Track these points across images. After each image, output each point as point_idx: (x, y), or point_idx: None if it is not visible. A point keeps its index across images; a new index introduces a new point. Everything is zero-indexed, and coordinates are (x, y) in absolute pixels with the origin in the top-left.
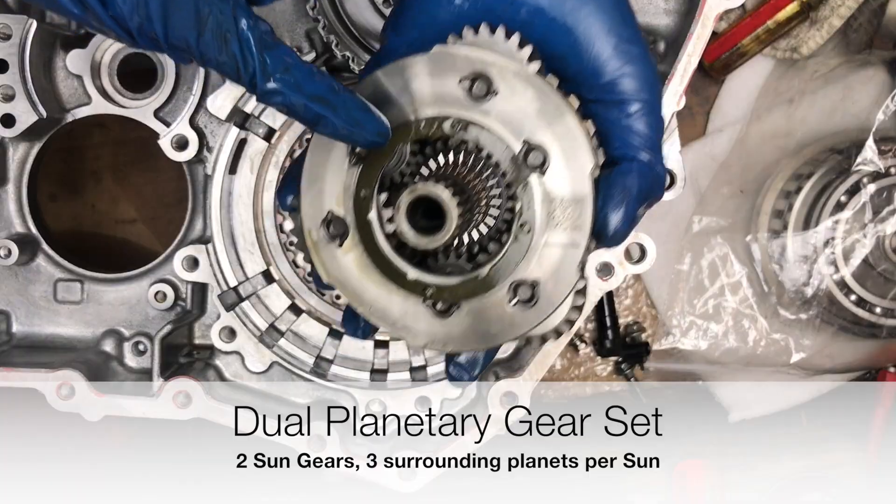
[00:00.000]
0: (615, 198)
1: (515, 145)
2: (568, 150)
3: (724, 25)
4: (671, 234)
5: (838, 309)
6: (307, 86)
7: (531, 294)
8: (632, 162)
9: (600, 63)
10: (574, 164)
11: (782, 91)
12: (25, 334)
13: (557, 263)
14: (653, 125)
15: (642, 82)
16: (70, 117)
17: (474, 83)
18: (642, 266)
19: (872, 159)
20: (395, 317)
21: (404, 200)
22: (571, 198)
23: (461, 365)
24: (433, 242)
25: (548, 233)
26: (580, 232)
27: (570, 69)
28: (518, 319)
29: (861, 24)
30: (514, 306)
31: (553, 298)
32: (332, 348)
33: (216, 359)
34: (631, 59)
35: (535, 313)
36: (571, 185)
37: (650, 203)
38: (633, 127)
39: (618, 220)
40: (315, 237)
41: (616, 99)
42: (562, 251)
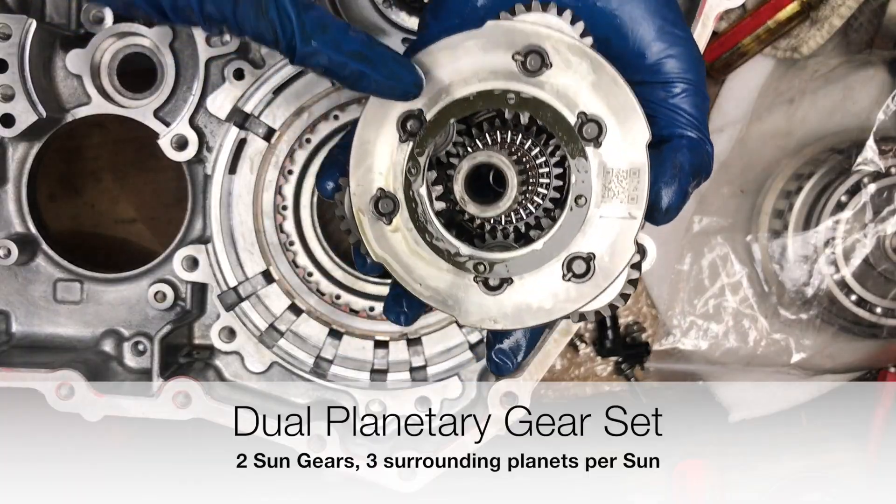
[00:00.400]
0: (668, 172)
1: (570, 118)
2: (623, 122)
3: (724, 25)
4: (671, 234)
5: (839, 309)
6: (345, 43)
7: (586, 268)
8: (681, 139)
9: (645, 45)
10: (629, 136)
11: (782, 91)
12: (25, 334)
13: (614, 236)
14: (699, 105)
15: (687, 63)
16: (70, 117)
17: (528, 57)
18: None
19: (873, 159)
20: (445, 294)
21: (464, 167)
22: (628, 169)
23: (504, 351)
24: (493, 210)
25: (603, 205)
26: (636, 204)
27: (615, 51)
28: (573, 294)
29: (861, 23)
30: (568, 280)
31: (609, 272)
32: (332, 348)
33: (216, 359)
34: (675, 40)
35: (590, 287)
36: (627, 156)
37: (699, 181)
38: (680, 106)
39: (671, 194)
40: (364, 215)
41: (661, 80)
42: (618, 224)
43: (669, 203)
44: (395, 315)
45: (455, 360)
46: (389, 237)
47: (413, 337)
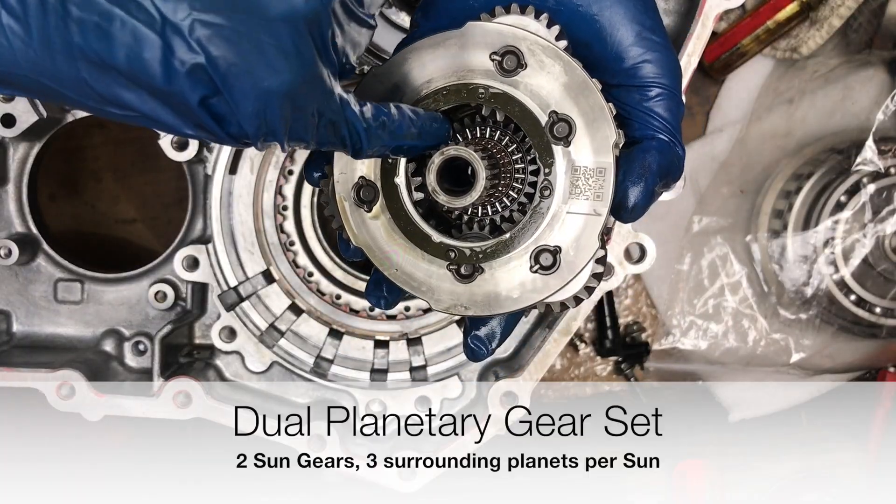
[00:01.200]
0: (635, 172)
1: (542, 117)
2: (592, 122)
3: (724, 25)
4: (671, 234)
5: (838, 309)
6: (399, 129)
7: (553, 260)
8: (652, 140)
9: (623, 49)
10: (597, 136)
11: (782, 91)
12: (25, 334)
13: (579, 231)
14: (673, 110)
15: (664, 69)
16: (70, 117)
17: (504, 57)
18: (642, 266)
19: (872, 159)
20: (419, 280)
21: (436, 160)
22: (594, 168)
23: (480, 338)
24: (462, 202)
25: (570, 201)
26: (601, 201)
27: (594, 55)
28: (539, 284)
29: (861, 24)
30: (535, 272)
31: (574, 265)
32: (332, 348)
33: (216, 359)
34: (653, 46)
35: (555, 279)
36: (594, 156)
37: (668, 182)
38: (654, 110)
39: (637, 193)
40: (346, 202)
41: (637, 83)
42: (583, 220)
43: (635, 202)
44: (375, 298)
45: (455, 360)
46: (369, 224)
47: (413, 337)
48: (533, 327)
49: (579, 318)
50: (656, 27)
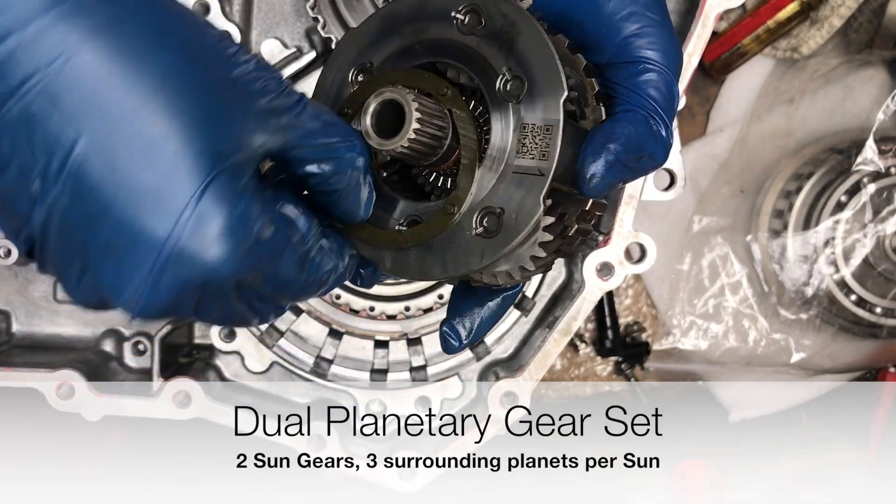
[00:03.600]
0: (597, 142)
1: (494, 75)
2: (545, 80)
3: (724, 25)
4: (671, 234)
5: (838, 309)
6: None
7: (497, 224)
8: (627, 113)
9: (614, 24)
10: (548, 93)
11: (782, 91)
12: (25, 334)
13: (524, 193)
14: (662, 90)
15: (656, 45)
16: None
17: (467, 16)
18: (642, 266)
19: (872, 159)
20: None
21: (372, 102)
22: (542, 126)
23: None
24: (391, 142)
25: (517, 160)
26: (546, 161)
27: (586, 34)
28: (481, 248)
29: (861, 23)
30: (476, 235)
31: (517, 228)
32: (332, 348)
33: (216, 359)
34: (647, 21)
35: (497, 243)
36: (543, 113)
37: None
38: (640, 87)
39: (597, 164)
40: None
41: (625, 59)
42: (529, 180)
43: (594, 171)
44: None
45: (455, 360)
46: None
47: (413, 337)
48: (533, 327)
49: (579, 318)
50: (652, 3)
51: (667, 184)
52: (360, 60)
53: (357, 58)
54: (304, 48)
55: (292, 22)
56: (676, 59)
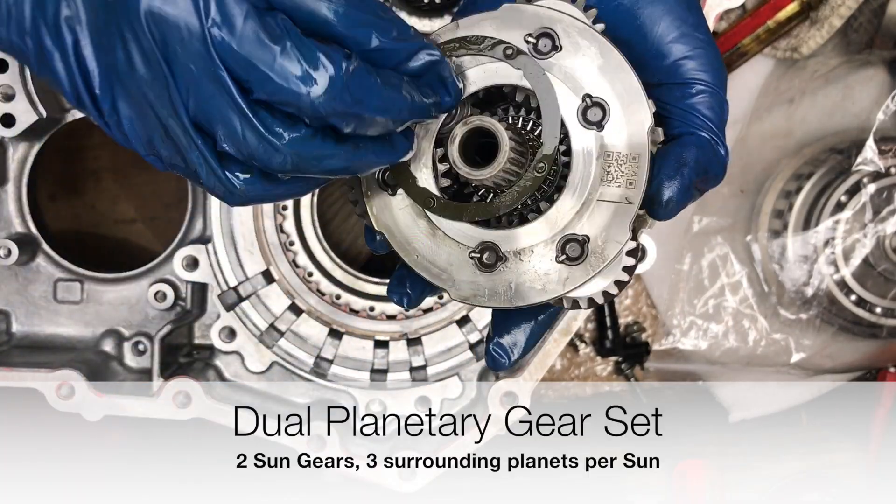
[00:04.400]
0: (671, 166)
1: (576, 100)
2: (627, 106)
3: (724, 25)
4: (671, 234)
5: (838, 309)
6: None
7: (580, 251)
8: (691, 136)
9: (664, 46)
10: (632, 120)
11: (782, 91)
12: (25, 334)
13: (608, 220)
14: (715, 109)
15: (707, 66)
16: (70, 117)
17: (539, 39)
18: (642, 266)
19: (872, 159)
20: (440, 267)
21: (458, 131)
22: (628, 154)
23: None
24: (483, 173)
25: (601, 188)
26: (634, 189)
27: (634, 54)
28: (565, 276)
29: (861, 23)
30: (561, 262)
31: (603, 256)
32: (332, 348)
33: (216, 359)
34: (696, 43)
35: (582, 271)
36: (628, 141)
37: (707, 180)
38: (695, 107)
39: (672, 188)
40: (369, 186)
41: (678, 81)
42: (614, 208)
43: (670, 196)
44: (398, 296)
45: (455, 360)
46: (393, 208)
47: (413, 337)
48: None
49: (579, 318)
50: (699, 24)
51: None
52: None
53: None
54: None
55: None
56: (724, 77)
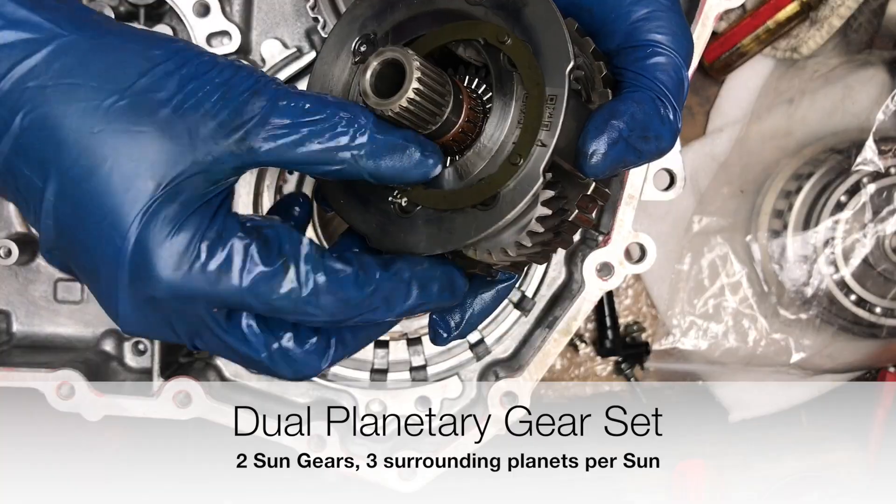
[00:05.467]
0: (599, 117)
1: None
2: (549, 49)
3: (724, 25)
4: (671, 234)
5: (838, 309)
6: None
7: (494, 197)
8: (633, 92)
9: (623, 9)
10: (554, 63)
11: (782, 91)
12: (25, 334)
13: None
14: (671, 73)
15: (665, 30)
16: None
17: None
18: (642, 266)
19: (872, 159)
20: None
21: (373, 62)
22: (547, 97)
23: (445, 320)
24: (389, 102)
25: (517, 132)
26: (549, 132)
27: (595, 19)
28: (479, 221)
29: (861, 23)
30: (474, 208)
31: (514, 201)
32: None
33: (216, 358)
34: (656, 6)
35: (493, 215)
36: (548, 84)
37: (648, 139)
38: (647, 70)
39: (598, 142)
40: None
41: (633, 44)
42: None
43: (595, 148)
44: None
45: (455, 360)
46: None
47: (413, 337)
48: (533, 327)
49: (579, 318)
50: None
51: (667, 184)
52: (364, 31)
53: (360, 28)
54: (304, 48)
55: (292, 22)
56: (686, 43)
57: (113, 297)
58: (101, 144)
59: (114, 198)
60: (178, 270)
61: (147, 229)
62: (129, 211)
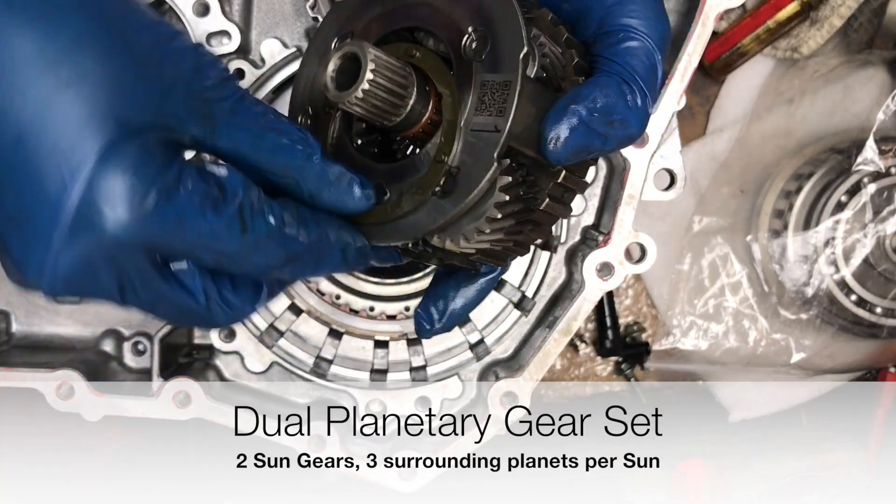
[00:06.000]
0: (561, 103)
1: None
2: (506, 36)
3: (724, 25)
4: (671, 234)
5: (839, 309)
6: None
7: (453, 183)
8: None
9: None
10: (509, 50)
11: (782, 91)
12: (25, 334)
13: (479, 149)
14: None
15: (640, 15)
16: None
17: None
18: (642, 266)
19: (873, 159)
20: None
21: (333, 56)
22: (500, 82)
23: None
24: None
25: (476, 117)
26: (503, 117)
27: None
28: (438, 208)
29: (861, 23)
30: (433, 195)
31: (469, 186)
32: (332, 348)
33: (216, 359)
34: None
35: (451, 202)
36: (503, 69)
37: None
38: (618, 55)
39: (558, 126)
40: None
41: (607, 29)
42: (485, 137)
43: (555, 133)
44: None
45: (455, 360)
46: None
47: (413, 337)
48: (533, 327)
49: (579, 318)
50: None
51: (667, 184)
52: (343, 30)
53: (340, 28)
54: (304, 48)
55: (292, 22)
56: (660, 29)
57: (41, 246)
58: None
59: (70, 131)
60: (129, 214)
61: (103, 167)
62: (86, 147)
